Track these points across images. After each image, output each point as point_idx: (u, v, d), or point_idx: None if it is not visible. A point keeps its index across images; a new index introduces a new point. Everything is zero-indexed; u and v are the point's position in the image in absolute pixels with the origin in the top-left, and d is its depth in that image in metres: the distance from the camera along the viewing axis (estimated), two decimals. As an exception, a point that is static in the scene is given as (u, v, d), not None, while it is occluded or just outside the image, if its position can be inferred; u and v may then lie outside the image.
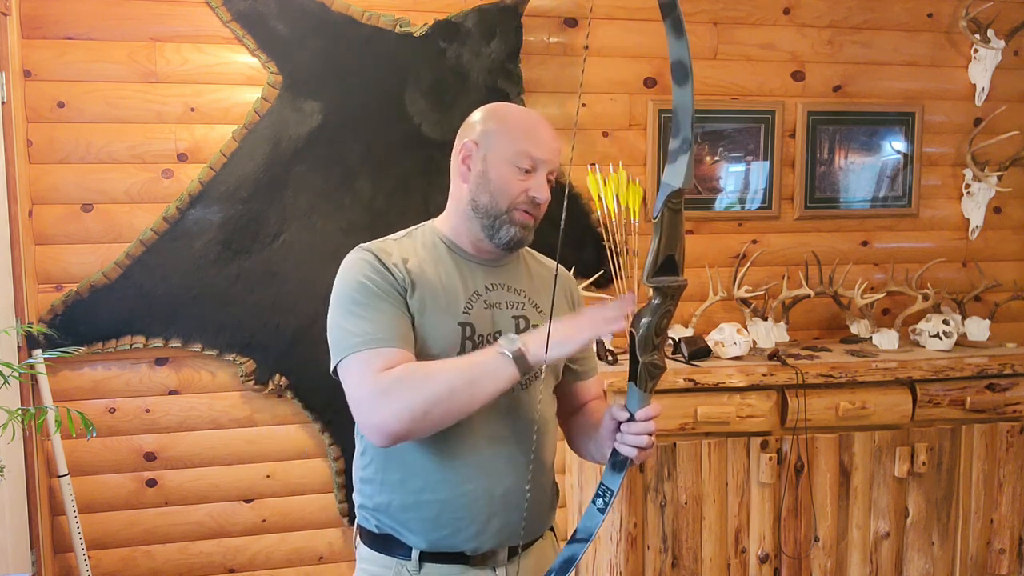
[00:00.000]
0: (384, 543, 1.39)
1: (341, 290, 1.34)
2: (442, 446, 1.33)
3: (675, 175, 1.19)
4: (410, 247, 1.41)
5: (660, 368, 1.27)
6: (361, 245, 1.39)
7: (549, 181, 1.41)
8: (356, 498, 1.44)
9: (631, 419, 1.28)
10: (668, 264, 1.21)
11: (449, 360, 1.28)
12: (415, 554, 1.36)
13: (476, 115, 1.43)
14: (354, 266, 1.35)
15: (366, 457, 1.41)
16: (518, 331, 1.39)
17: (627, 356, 2.78)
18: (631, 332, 1.26)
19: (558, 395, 1.57)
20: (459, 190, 1.42)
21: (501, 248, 1.40)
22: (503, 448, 1.35)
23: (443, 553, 1.36)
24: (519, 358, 1.22)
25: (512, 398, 1.37)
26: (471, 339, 1.35)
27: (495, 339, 1.36)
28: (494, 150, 1.38)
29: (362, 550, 1.44)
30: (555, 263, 1.56)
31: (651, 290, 1.22)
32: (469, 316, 1.36)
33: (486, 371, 1.23)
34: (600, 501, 1.31)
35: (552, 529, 1.53)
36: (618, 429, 1.30)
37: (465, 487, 1.34)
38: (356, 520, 1.47)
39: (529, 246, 1.49)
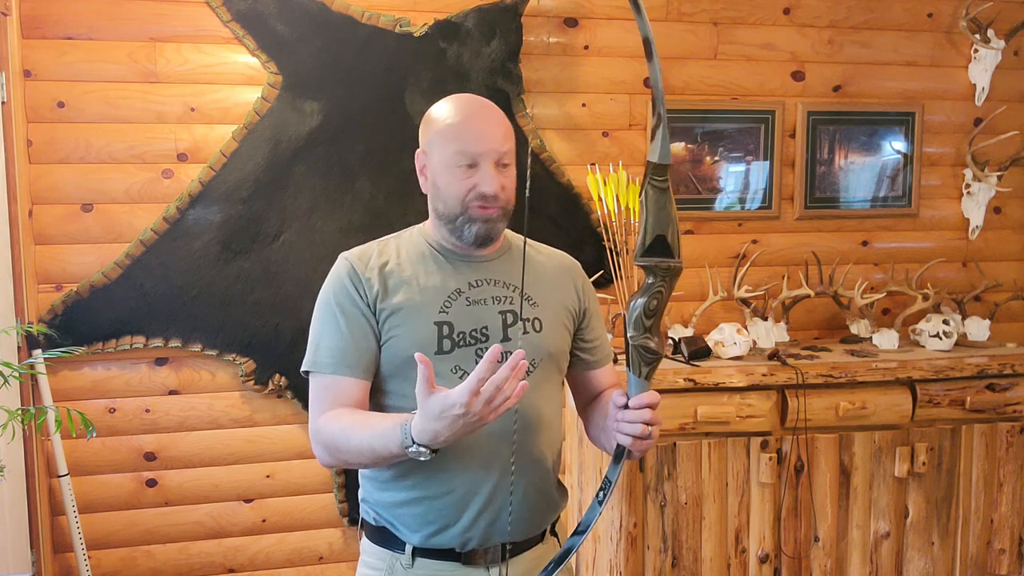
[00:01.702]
0: (382, 536, 1.42)
1: (320, 298, 1.41)
2: None
3: (653, 151, 1.20)
4: (393, 249, 1.44)
5: (654, 353, 1.24)
6: (343, 253, 1.43)
7: (504, 166, 1.37)
8: (360, 492, 1.48)
9: (627, 406, 1.27)
10: (659, 244, 1.20)
11: (365, 425, 1.27)
12: (408, 549, 1.38)
13: (425, 117, 1.43)
14: (331, 277, 1.41)
15: None
16: (505, 326, 1.39)
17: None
18: (623, 314, 1.26)
19: (572, 385, 1.57)
20: (428, 197, 1.44)
21: (472, 246, 1.41)
22: (493, 446, 1.34)
23: (435, 549, 1.37)
24: (410, 446, 1.19)
25: None
26: (449, 337, 1.35)
27: (481, 335, 1.37)
28: (435, 156, 1.38)
29: (364, 542, 1.47)
30: (562, 253, 1.57)
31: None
32: (447, 315, 1.36)
33: (388, 449, 1.23)
34: (601, 493, 1.30)
35: (556, 535, 1.51)
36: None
37: (453, 484, 1.34)
38: (360, 513, 1.50)
39: (530, 237, 1.49)
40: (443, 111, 1.39)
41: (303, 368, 1.39)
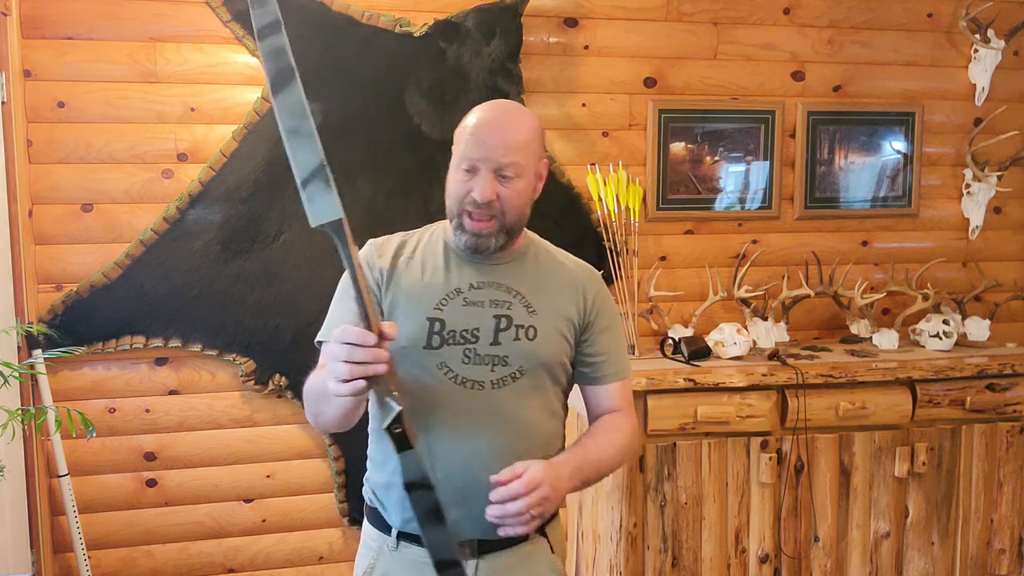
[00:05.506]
0: (374, 516, 1.47)
1: (340, 282, 1.47)
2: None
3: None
4: (415, 242, 1.49)
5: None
6: (372, 240, 1.50)
7: (505, 178, 1.36)
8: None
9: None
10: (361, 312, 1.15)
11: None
12: (394, 531, 1.42)
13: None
14: None
15: (370, 436, 1.49)
16: (497, 330, 1.40)
17: (630, 356, 2.77)
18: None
19: (582, 397, 1.56)
20: None
21: (465, 252, 1.43)
22: (465, 443, 1.36)
23: (416, 535, 1.37)
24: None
25: (479, 395, 1.37)
26: (439, 334, 1.38)
27: (472, 336, 1.38)
28: (454, 154, 1.43)
29: (364, 522, 1.51)
30: (583, 264, 1.57)
31: None
32: (441, 312, 1.39)
33: (326, 392, 1.20)
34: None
35: (546, 535, 1.48)
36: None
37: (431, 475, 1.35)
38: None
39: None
40: (473, 112, 1.42)
41: (316, 340, 1.43)
